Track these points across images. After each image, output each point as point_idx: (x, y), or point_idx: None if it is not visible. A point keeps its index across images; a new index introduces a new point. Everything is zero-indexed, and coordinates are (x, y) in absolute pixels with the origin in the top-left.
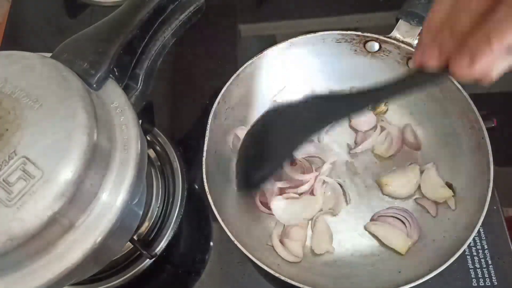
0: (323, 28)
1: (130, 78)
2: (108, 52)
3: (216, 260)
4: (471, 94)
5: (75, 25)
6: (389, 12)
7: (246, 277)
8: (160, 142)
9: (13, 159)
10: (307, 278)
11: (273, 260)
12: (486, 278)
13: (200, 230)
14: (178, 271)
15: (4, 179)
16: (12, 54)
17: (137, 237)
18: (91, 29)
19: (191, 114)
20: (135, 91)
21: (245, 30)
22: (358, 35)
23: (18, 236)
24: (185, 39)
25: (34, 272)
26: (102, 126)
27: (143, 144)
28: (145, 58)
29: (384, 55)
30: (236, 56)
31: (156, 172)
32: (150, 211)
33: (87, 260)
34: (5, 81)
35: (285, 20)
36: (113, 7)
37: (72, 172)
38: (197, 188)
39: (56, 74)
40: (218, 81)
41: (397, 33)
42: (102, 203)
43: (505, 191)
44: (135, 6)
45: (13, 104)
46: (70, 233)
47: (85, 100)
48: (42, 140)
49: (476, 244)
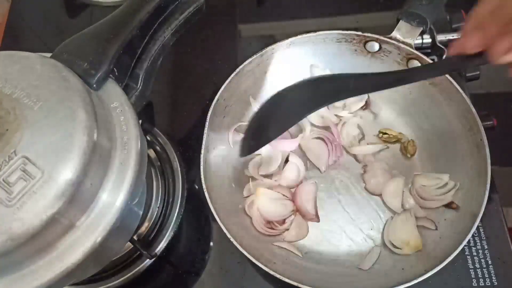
0: (323, 28)
1: (130, 78)
2: (108, 52)
3: (216, 260)
4: (471, 94)
5: (75, 25)
6: (389, 12)
7: (246, 277)
8: (160, 142)
9: (13, 159)
10: (306, 277)
11: (271, 259)
12: (486, 278)
13: (200, 230)
14: (178, 271)
15: (4, 179)
16: (12, 54)
17: (137, 237)
18: (91, 29)
19: (191, 114)
20: (135, 91)
21: (245, 30)
22: (358, 35)
23: (18, 236)
24: (185, 39)
25: (34, 272)
26: (102, 126)
27: (143, 144)
28: (145, 58)
29: (384, 56)
30: (236, 56)
31: (156, 172)
32: (150, 211)
33: (87, 260)
34: (5, 81)
35: (285, 20)
36: (113, 7)
37: (72, 172)
38: (197, 188)
39: (56, 74)
40: (218, 81)
41: (397, 34)
42: (102, 203)
43: (505, 191)
44: (135, 6)
45: (13, 104)
46: (70, 233)
47: (85, 100)
48: (42, 140)
49: (476, 244)
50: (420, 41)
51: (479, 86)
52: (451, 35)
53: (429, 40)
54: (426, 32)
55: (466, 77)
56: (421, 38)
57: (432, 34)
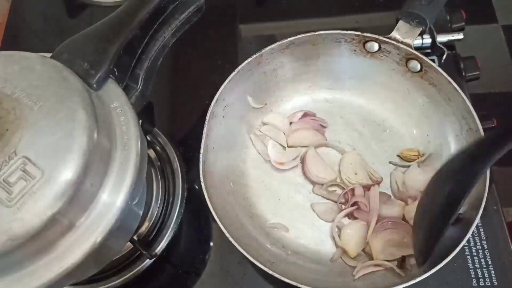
0: (323, 28)
1: (130, 78)
2: (108, 52)
3: (216, 260)
4: (471, 94)
5: (75, 25)
6: (389, 12)
7: (246, 277)
8: (160, 142)
9: (13, 159)
10: (305, 277)
11: (271, 259)
12: (486, 278)
13: (200, 230)
14: (178, 271)
15: (4, 179)
16: (12, 54)
17: (137, 237)
18: (91, 29)
19: (191, 114)
20: (135, 91)
21: (245, 30)
22: (357, 35)
23: (18, 236)
24: (185, 39)
25: (34, 272)
26: (102, 126)
27: (143, 144)
28: (145, 58)
29: (383, 56)
30: (236, 56)
31: (156, 172)
32: (150, 211)
33: (87, 260)
34: (5, 81)
35: (285, 20)
36: (113, 7)
37: (72, 172)
38: (197, 188)
39: (56, 74)
40: (218, 81)
41: (396, 34)
42: (102, 203)
43: (505, 191)
44: (135, 6)
45: (13, 104)
46: (70, 233)
47: (85, 100)
48: (42, 140)
49: (476, 244)
50: (420, 41)
51: (479, 86)
52: (451, 35)
53: (429, 40)
54: (426, 32)
55: (466, 77)
56: (421, 38)
57: (432, 34)
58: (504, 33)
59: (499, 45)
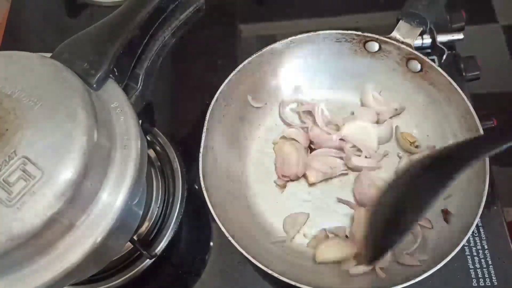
0: (323, 28)
1: (130, 78)
2: (108, 52)
3: (216, 260)
4: (471, 94)
5: (75, 25)
6: (389, 12)
7: (246, 277)
8: (160, 142)
9: (13, 159)
10: (305, 277)
11: (270, 259)
12: (486, 278)
13: (200, 230)
14: (178, 271)
15: (4, 179)
16: (12, 54)
17: (137, 237)
18: (91, 29)
19: (191, 114)
20: (135, 91)
21: (245, 30)
22: (358, 35)
23: (18, 236)
24: (185, 39)
25: (34, 272)
26: (102, 126)
27: (143, 144)
28: (145, 58)
29: (384, 56)
30: (236, 56)
31: (156, 172)
32: (150, 211)
33: (87, 260)
34: (5, 81)
35: (285, 20)
36: (113, 7)
37: (72, 172)
38: (197, 188)
39: (56, 74)
40: (218, 81)
41: (397, 34)
42: (102, 203)
43: (505, 191)
44: (135, 6)
45: (13, 104)
46: (70, 233)
47: (85, 100)
48: (42, 140)
49: (476, 244)
50: (420, 41)
51: (479, 86)
52: (451, 35)
53: (429, 40)
54: (426, 32)
55: (466, 77)
56: (421, 38)
57: (432, 34)
58: (504, 33)
59: (499, 45)
